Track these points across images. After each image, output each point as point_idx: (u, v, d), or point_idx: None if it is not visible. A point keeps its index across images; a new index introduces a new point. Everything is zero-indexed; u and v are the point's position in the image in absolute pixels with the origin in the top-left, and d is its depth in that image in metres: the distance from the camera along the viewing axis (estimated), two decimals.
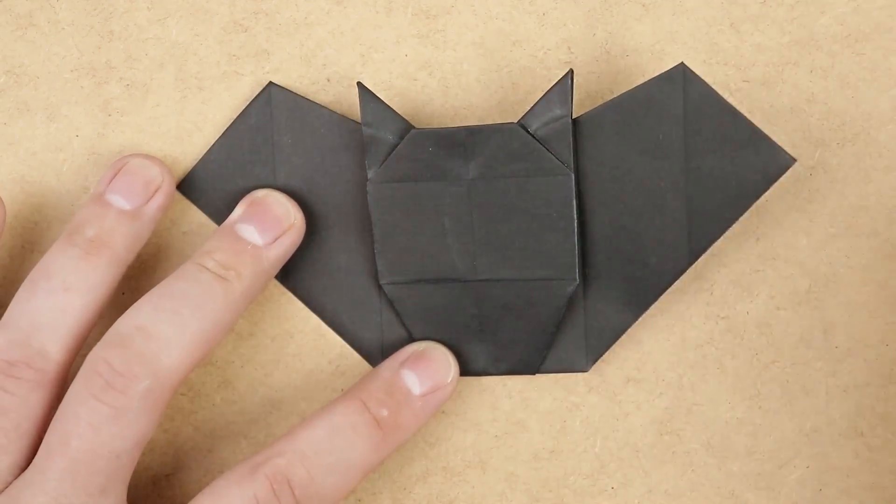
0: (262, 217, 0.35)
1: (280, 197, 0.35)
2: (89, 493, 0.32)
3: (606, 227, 0.35)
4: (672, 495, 0.36)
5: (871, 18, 0.35)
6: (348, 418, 0.33)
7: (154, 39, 0.37)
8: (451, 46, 0.36)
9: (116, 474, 0.32)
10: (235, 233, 0.35)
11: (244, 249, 0.34)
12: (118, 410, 0.32)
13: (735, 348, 0.36)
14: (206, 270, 0.33)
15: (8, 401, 0.33)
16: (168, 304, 0.33)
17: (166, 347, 0.32)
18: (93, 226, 0.34)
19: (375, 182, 0.35)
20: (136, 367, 0.32)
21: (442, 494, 0.37)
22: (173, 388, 0.32)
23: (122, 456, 0.32)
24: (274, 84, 0.36)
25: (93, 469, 0.32)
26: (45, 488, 0.32)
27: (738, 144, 0.34)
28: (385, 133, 0.35)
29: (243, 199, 0.35)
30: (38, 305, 0.33)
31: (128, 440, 0.32)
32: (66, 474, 0.32)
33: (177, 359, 0.32)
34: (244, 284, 0.34)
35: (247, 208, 0.35)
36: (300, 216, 0.35)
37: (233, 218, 0.35)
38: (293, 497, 0.32)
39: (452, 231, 0.35)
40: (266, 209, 0.35)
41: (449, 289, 0.35)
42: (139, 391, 0.32)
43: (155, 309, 0.33)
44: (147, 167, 0.35)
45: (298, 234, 0.35)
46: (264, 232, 0.35)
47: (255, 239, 0.34)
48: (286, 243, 0.35)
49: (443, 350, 0.35)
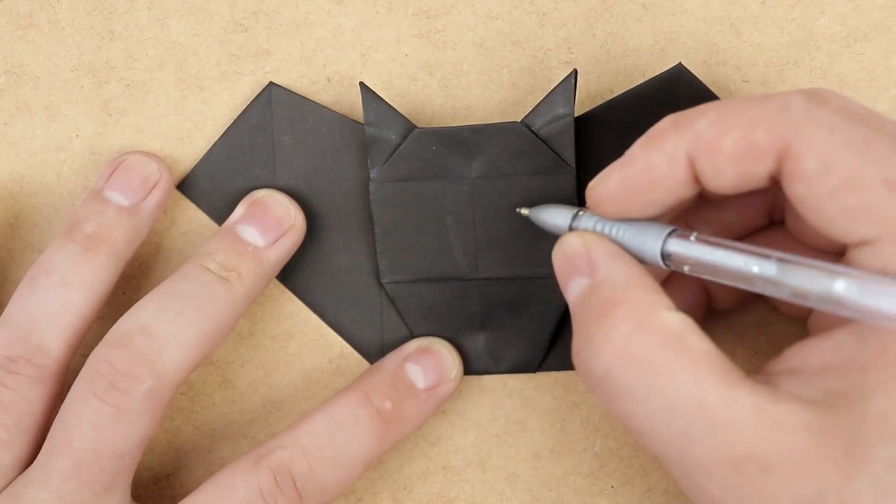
0: (263, 218, 0.35)
1: (280, 197, 0.35)
2: (94, 491, 0.32)
3: None
4: (672, 494, 0.36)
5: (870, 19, 0.35)
6: (350, 411, 0.34)
7: (154, 39, 0.37)
8: (451, 46, 0.36)
9: (120, 473, 0.32)
10: (236, 234, 0.35)
11: (245, 251, 0.34)
12: (120, 410, 0.32)
13: (735, 348, 0.36)
14: (208, 271, 0.33)
15: (9, 396, 0.33)
16: (170, 304, 0.33)
17: (168, 348, 0.32)
18: (91, 222, 0.34)
19: (378, 181, 0.35)
20: (138, 368, 0.32)
21: (442, 493, 0.37)
22: (175, 388, 0.33)
23: (125, 455, 0.32)
24: (274, 84, 0.36)
25: (96, 468, 0.32)
26: (48, 486, 0.32)
27: None
28: (388, 132, 0.35)
29: (244, 200, 0.36)
30: (38, 301, 0.33)
31: (130, 439, 0.32)
32: (70, 473, 0.32)
33: (178, 359, 0.32)
34: (245, 286, 0.34)
35: (247, 209, 0.35)
36: (301, 217, 0.35)
37: (233, 218, 0.35)
38: (295, 489, 0.32)
39: (455, 229, 0.35)
40: (266, 210, 0.35)
41: (450, 287, 0.35)
42: (141, 391, 0.32)
43: (157, 309, 0.33)
44: (145, 164, 0.36)
45: (299, 235, 0.35)
46: (265, 233, 0.35)
47: (256, 240, 0.35)
48: (286, 244, 0.35)
49: (447, 345, 0.36)
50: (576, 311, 0.29)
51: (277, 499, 0.32)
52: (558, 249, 0.30)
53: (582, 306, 0.29)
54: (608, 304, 0.28)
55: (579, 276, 0.30)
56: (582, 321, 0.29)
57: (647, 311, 0.28)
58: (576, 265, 0.30)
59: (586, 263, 0.29)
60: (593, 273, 0.29)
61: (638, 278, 0.29)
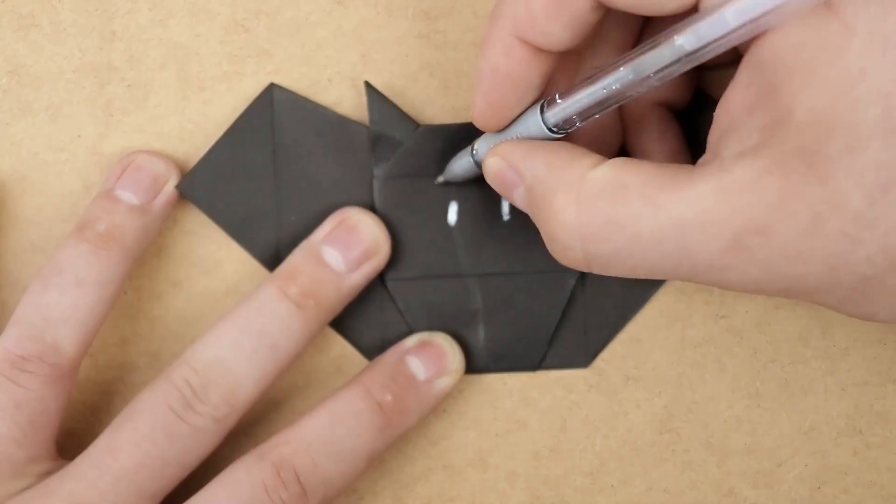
0: (349, 242, 0.35)
1: (370, 220, 0.35)
2: (141, 495, 0.32)
3: None
4: (672, 493, 0.36)
5: None
6: (351, 405, 0.34)
7: (156, 40, 0.37)
8: (451, 47, 0.36)
9: (172, 484, 0.33)
10: (319, 255, 0.35)
11: (326, 277, 0.34)
12: (194, 429, 0.33)
13: (734, 347, 0.36)
14: (287, 300, 0.34)
15: (23, 395, 0.33)
16: (247, 342, 0.33)
17: (242, 384, 0.33)
18: (103, 221, 0.35)
19: (382, 178, 0.35)
20: (214, 397, 0.33)
21: (443, 493, 0.37)
22: (242, 415, 0.34)
23: (186, 468, 0.33)
24: (275, 85, 0.36)
25: (156, 475, 0.32)
26: (97, 484, 0.32)
27: None
28: (392, 131, 0.35)
29: (333, 215, 0.35)
30: (51, 300, 0.34)
31: (195, 456, 0.33)
32: (128, 474, 0.32)
33: (250, 394, 0.33)
34: (321, 315, 0.34)
35: (334, 228, 0.35)
36: (387, 243, 0.35)
37: (319, 235, 0.35)
38: (299, 483, 0.33)
39: (458, 226, 0.35)
40: (353, 233, 0.35)
41: (452, 284, 0.36)
42: (214, 417, 0.33)
43: (234, 345, 0.33)
44: (155, 163, 0.36)
45: (382, 262, 0.35)
46: (348, 258, 0.35)
47: (339, 265, 0.35)
48: (367, 271, 0.35)
49: (447, 338, 0.36)
50: (532, 217, 0.30)
51: (281, 493, 0.32)
52: (487, 177, 0.32)
53: (532, 211, 0.30)
54: (546, 200, 0.29)
55: (514, 188, 0.31)
56: (540, 224, 0.30)
57: (577, 184, 0.29)
58: (505, 181, 0.31)
59: (511, 174, 0.31)
60: (522, 179, 0.30)
61: (554, 157, 0.30)
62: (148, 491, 0.33)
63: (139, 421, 0.33)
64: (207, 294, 0.37)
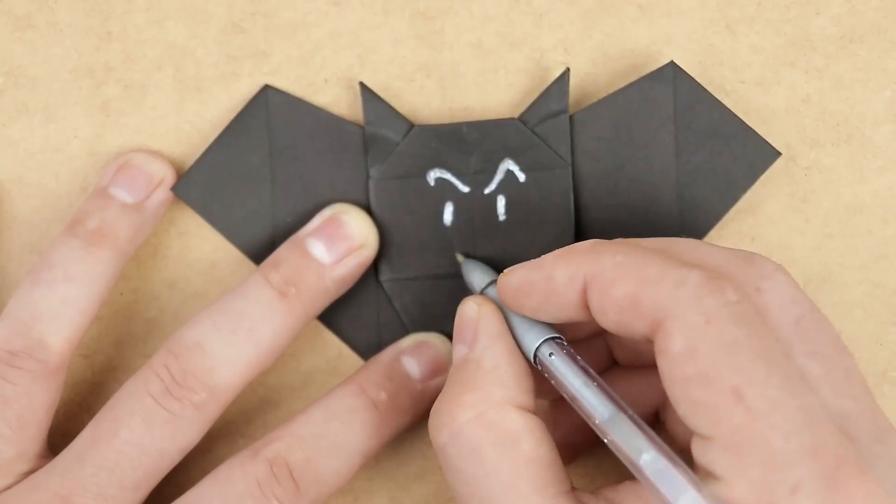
0: (333, 234, 0.35)
1: (357, 215, 0.35)
2: (123, 486, 0.32)
3: (601, 220, 0.35)
4: None
5: (865, 19, 0.35)
6: (345, 402, 0.34)
7: (152, 40, 0.37)
8: (448, 48, 0.36)
9: (154, 473, 0.33)
10: (304, 247, 0.35)
11: (309, 266, 0.34)
12: (173, 416, 0.32)
13: None
14: (269, 286, 0.34)
15: (10, 391, 0.33)
16: (226, 323, 0.33)
17: (220, 367, 0.33)
18: (95, 218, 0.35)
19: (378, 179, 0.35)
20: (192, 381, 0.33)
21: (439, 493, 0.37)
22: (224, 404, 0.33)
23: (166, 457, 0.33)
24: (270, 86, 0.36)
25: (135, 464, 0.32)
26: (79, 476, 0.32)
27: (726, 138, 0.35)
28: (387, 131, 0.35)
29: (323, 211, 0.36)
30: (41, 296, 0.34)
31: (175, 444, 0.33)
32: (108, 464, 0.32)
33: (229, 379, 0.33)
34: (304, 303, 0.34)
35: (321, 223, 0.35)
36: (374, 238, 0.35)
37: (307, 230, 0.35)
38: (292, 480, 0.32)
39: (454, 225, 0.35)
40: (338, 226, 0.35)
41: (448, 284, 0.36)
42: (193, 402, 0.33)
43: (213, 327, 0.33)
44: (150, 162, 0.36)
45: (368, 255, 0.35)
46: (332, 250, 0.35)
47: (322, 256, 0.35)
48: (351, 263, 0.35)
49: (443, 338, 0.36)
50: (449, 374, 0.31)
51: (275, 489, 0.32)
52: (459, 309, 0.32)
53: (453, 373, 0.30)
54: (466, 385, 0.30)
55: (462, 343, 0.31)
56: (447, 387, 0.30)
57: (493, 405, 0.29)
58: (463, 332, 0.31)
59: (471, 334, 0.31)
60: (471, 347, 0.31)
61: (504, 368, 0.30)
62: (129, 480, 0.32)
63: (119, 409, 0.33)
64: (203, 295, 0.37)
